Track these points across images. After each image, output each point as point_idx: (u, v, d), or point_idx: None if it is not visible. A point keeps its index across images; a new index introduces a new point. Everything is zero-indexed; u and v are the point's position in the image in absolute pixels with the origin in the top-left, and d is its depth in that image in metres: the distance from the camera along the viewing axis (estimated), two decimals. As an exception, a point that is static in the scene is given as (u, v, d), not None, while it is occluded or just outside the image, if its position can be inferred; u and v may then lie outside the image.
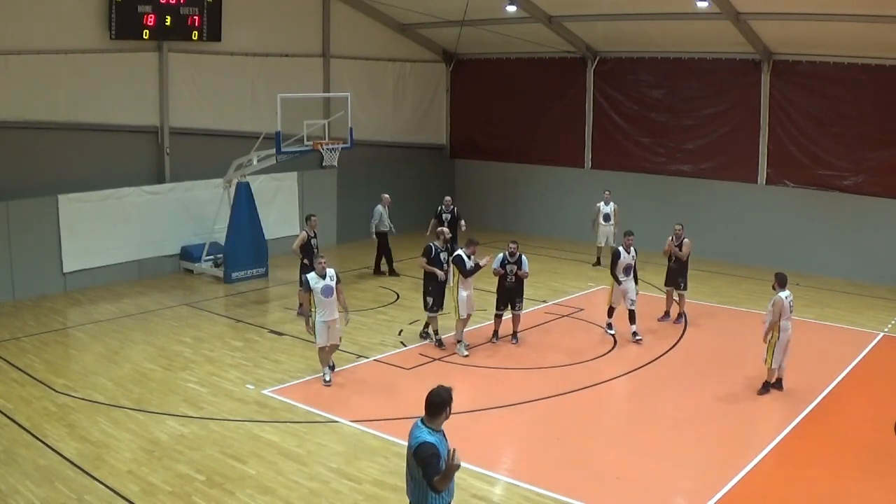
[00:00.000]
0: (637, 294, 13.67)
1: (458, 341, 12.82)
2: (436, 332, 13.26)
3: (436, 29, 21.94)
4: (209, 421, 10.17)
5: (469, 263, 12.65)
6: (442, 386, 5.96)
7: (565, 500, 8.22)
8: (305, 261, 14.47)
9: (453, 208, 17.46)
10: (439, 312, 13.19)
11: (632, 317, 13.46)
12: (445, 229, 14.23)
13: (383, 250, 18.19)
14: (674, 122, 20.44)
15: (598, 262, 18.92)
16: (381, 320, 14.70)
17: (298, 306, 14.94)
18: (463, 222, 17.41)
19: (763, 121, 18.99)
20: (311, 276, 11.30)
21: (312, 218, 14.91)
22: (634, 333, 13.42)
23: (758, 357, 12.58)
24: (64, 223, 16.32)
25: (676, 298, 14.62)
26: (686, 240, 14.44)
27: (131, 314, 15.05)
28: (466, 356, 12.63)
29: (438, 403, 5.87)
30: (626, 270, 13.37)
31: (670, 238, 14.48)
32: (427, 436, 5.82)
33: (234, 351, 13.00)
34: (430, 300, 13.11)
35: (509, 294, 13.14)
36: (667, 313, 14.74)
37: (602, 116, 21.68)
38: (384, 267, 18.24)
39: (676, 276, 14.50)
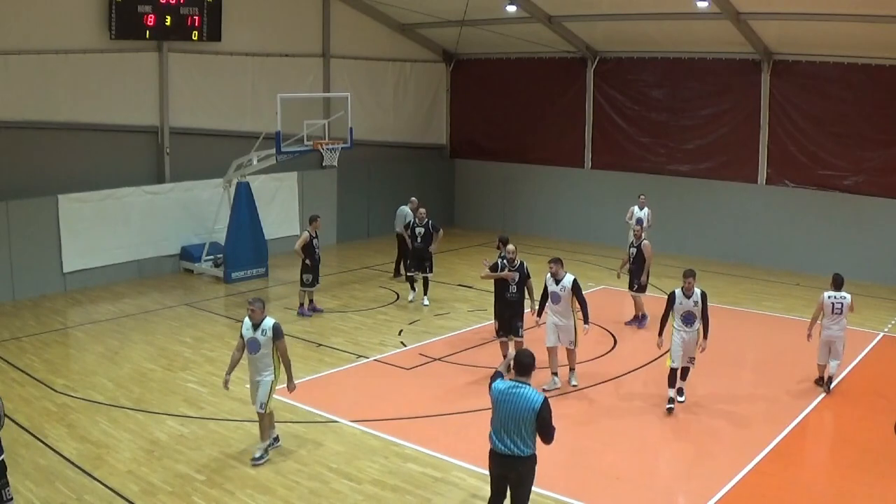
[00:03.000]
0: (699, 351, 10.71)
1: (571, 369, 11.55)
2: (505, 357, 11.43)
3: (436, 29, 21.95)
4: (209, 421, 10.18)
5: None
6: (525, 348, 7.04)
7: (565, 500, 8.22)
8: (307, 261, 14.53)
9: (427, 221, 15.81)
10: (512, 338, 11.74)
11: (684, 372, 10.82)
12: (511, 246, 11.99)
13: (404, 253, 16.92)
14: (674, 122, 20.43)
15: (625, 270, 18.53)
16: (381, 320, 14.70)
17: (299, 306, 14.98)
18: (441, 232, 16.06)
19: (763, 121, 18.99)
20: (245, 323, 8.99)
21: (317, 219, 14.90)
22: (680, 390, 10.81)
23: (757, 356, 12.61)
24: (64, 223, 16.33)
25: (635, 299, 14.50)
26: (645, 242, 14.30)
27: (131, 314, 15.06)
28: (576, 386, 11.44)
29: (530, 363, 6.74)
30: (687, 319, 10.50)
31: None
32: (542, 395, 6.61)
33: (234, 351, 12.99)
34: (496, 323, 11.83)
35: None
36: (636, 316, 14.58)
37: (602, 116, 21.68)
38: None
39: (633, 277, 14.41)
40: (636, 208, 18.07)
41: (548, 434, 6.62)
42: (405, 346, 13.26)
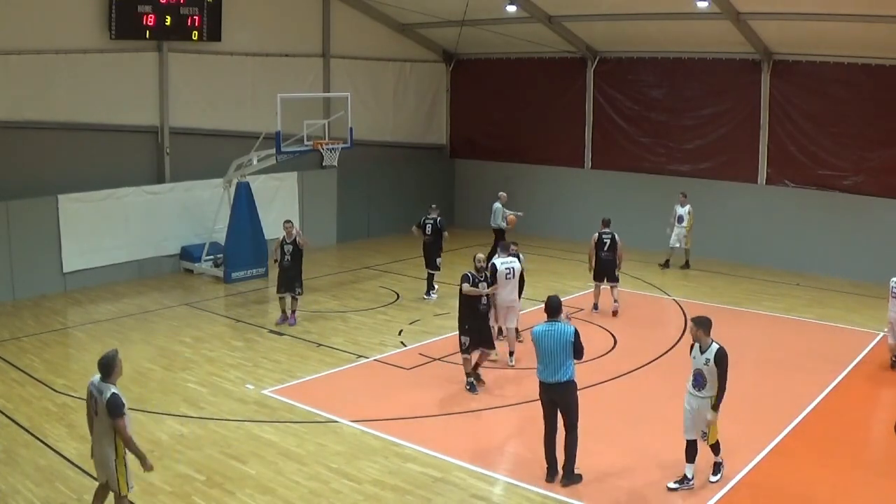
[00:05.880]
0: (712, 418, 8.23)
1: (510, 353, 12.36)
2: (468, 375, 11.21)
3: (436, 29, 21.94)
4: (209, 421, 10.17)
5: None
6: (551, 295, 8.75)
7: (565, 500, 8.22)
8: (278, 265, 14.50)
9: (436, 217, 16.08)
10: (483, 351, 11.35)
11: (715, 450, 8.59)
12: (480, 255, 11.82)
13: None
14: (674, 122, 20.42)
15: (666, 265, 18.53)
16: (381, 320, 14.70)
17: (284, 314, 14.63)
18: (446, 233, 16.27)
19: (763, 121, 18.98)
20: (99, 385, 6.96)
21: (285, 224, 14.44)
22: (717, 465, 8.64)
23: (756, 356, 12.61)
24: (64, 223, 16.31)
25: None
26: (595, 235, 14.81)
27: (131, 314, 15.05)
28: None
29: (558, 305, 8.68)
30: (696, 381, 8.18)
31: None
32: (573, 327, 8.54)
33: (234, 351, 13.00)
34: (465, 340, 11.15)
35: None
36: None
37: (602, 116, 21.67)
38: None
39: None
40: (678, 206, 18.39)
41: (580, 353, 8.49)
42: (405, 346, 13.25)
